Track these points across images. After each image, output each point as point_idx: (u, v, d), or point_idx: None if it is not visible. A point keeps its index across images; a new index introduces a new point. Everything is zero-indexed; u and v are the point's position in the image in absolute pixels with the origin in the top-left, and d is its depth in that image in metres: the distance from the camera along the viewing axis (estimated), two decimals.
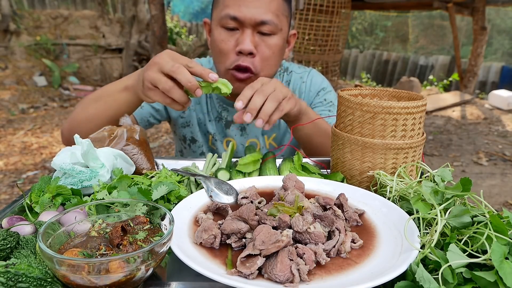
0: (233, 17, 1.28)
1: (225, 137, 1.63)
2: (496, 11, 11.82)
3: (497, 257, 0.59)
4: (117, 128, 1.18)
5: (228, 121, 1.60)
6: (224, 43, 1.32)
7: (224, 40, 1.32)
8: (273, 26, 1.31)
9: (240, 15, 1.27)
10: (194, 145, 1.66)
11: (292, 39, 1.50)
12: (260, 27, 1.30)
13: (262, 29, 1.30)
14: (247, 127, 1.60)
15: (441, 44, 12.89)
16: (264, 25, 1.29)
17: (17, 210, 0.91)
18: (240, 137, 1.62)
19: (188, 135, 1.66)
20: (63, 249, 0.66)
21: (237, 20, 1.28)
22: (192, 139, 1.66)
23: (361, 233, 0.79)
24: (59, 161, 0.97)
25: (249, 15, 1.27)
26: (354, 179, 1.07)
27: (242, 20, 1.28)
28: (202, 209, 0.89)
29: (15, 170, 4.47)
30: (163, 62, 1.04)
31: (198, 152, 1.67)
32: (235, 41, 1.31)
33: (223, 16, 1.30)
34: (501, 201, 3.86)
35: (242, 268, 0.64)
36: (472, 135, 6.05)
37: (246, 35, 1.29)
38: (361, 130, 1.02)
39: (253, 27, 1.30)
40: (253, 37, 1.30)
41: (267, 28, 1.30)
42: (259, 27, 1.30)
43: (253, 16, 1.27)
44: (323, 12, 6.50)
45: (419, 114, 0.99)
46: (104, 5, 9.89)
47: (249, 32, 1.30)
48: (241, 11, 1.27)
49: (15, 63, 8.51)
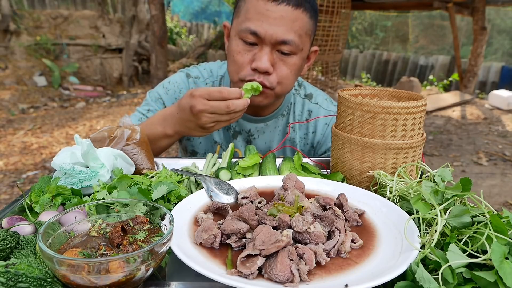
0: (254, 32, 1.22)
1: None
2: (496, 11, 11.82)
3: (497, 257, 0.59)
4: (117, 128, 1.18)
5: (236, 131, 1.58)
6: (241, 55, 1.28)
7: (241, 52, 1.28)
8: (293, 47, 1.25)
9: (261, 31, 1.21)
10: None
11: (313, 55, 1.44)
12: (280, 46, 1.24)
13: (282, 48, 1.25)
14: (253, 140, 1.58)
15: (441, 44, 12.89)
16: (285, 45, 1.23)
17: (17, 210, 0.91)
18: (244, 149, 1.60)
19: (189, 148, 1.64)
20: (63, 249, 0.66)
21: (257, 36, 1.23)
22: (193, 152, 1.64)
23: (361, 233, 0.79)
24: (59, 161, 0.97)
25: (270, 32, 1.21)
26: (354, 179, 1.07)
27: (263, 36, 1.22)
28: (202, 209, 0.89)
29: (15, 170, 4.46)
30: (215, 110, 1.16)
31: None
32: (252, 55, 1.27)
33: (243, 29, 1.24)
34: (501, 201, 3.86)
35: (242, 268, 0.64)
36: (472, 135, 6.05)
37: (264, 52, 1.24)
38: (361, 130, 1.02)
39: (272, 45, 1.24)
40: (271, 55, 1.25)
41: (287, 48, 1.24)
42: (279, 46, 1.24)
43: (275, 34, 1.21)
44: (323, 12, 6.50)
45: (419, 114, 0.99)
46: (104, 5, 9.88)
47: (268, 50, 1.24)
48: (262, 27, 1.21)
49: (15, 63, 8.51)
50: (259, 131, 1.57)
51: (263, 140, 1.58)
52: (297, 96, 1.60)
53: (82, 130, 6.05)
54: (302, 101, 1.60)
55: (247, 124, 1.55)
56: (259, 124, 1.55)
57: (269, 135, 1.58)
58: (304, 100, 1.60)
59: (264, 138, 1.58)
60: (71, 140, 5.50)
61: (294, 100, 1.59)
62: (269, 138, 1.58)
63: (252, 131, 1.56)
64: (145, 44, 9.60)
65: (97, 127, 6.24)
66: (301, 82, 1.65)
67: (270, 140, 1.59)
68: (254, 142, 1.59)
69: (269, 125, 1.56)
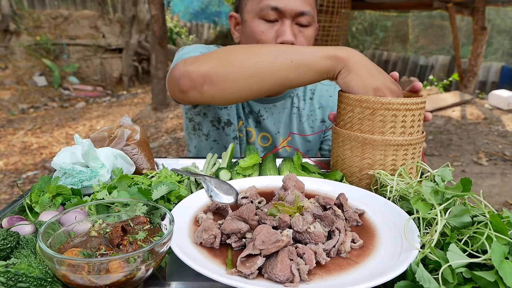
0: (274, 7, 1.29)
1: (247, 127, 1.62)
2: (496, 11, 11.82)
3: (497, 257, 0.59)
4: (117, 128, 1.18)
5: (247, 112, 1.59)
6: (264, 35, 1.34)
7: (264, 31, 1.34)
8: (310, 17, 1.33)
9: (281, 5, 1.29)
10: (228, 128, 1.61)
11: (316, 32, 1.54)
12: (299, 18, 1.32)
13: (301, 20, 1.33)
14: (262, 121, 1.60)
15: (441, 44, 12.88)
16: (303, 16, 1.32)
17: (17, 210, 0.91)
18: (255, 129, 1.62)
19: (224, 117, 1.59)
20: (63, 249, 0.66)
21: (278, 11, 1.30)
22: (228, 121, 1.59)
23: (361, 233, 0.79)
24: (59, 161, 0.97)
25: (290, 5, 1.29)
26: (353, 176, 1.07)
27: (283, 10, 1.30)
28: (202, 209, 0.89)
29: (15, 170, 4.47)
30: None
31: (231, 136, 1.60)
32: (275, 32, 1.33)
33: (263, 7, 1.31)
34: (501, 201, 3.86)
35: (242, 268, 0.64)
36: (472, 135, 6.05)
37: (286, 26, 1.31)
38: (360, 126, 1.02)
39: (292, 18, 1.32)
40: (292, 28, 1.33)
41: (305, 19, 1.33)
42: (298, 18, 1.32)
43: (294, 7, 1.30)
44: (323, 12, 6.50)
45: (418, 111, 1.00)
46: (104, 5, 9.89)
47: (289, 23, 1.32)
48: (282, 1, 1.29)
49: (15, 63, 8.51)
50: (268, 112, 1.60)
51: (271, 121, 1.61)
52: None
53: (82, 130, 6.05)
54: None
55: (256, 105, 1.58)
56: (267, 105, 1.59)
57: (277, 116, 1.61)
58: None
59: (273, 119, 1.61)
60: (71, 140, 5.50)
61: None
62: (277, 119, 1.61)
63: (261, 112, 1.59)
64: (145, 44, 9.60)
65: (97, 127, 6.25)
66: None
67: (278, 121, 1.62)
68: (263, 123, 1.61)
69: (277, 106, 1.60)
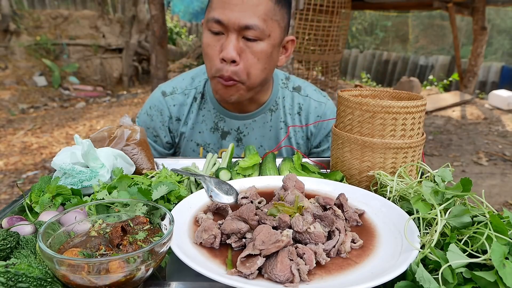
0: (217, 20, 1.24)
1: (220, 148, 1.59)
2: (496, 11, 11.82)
3: (497, 257, 0.59)
4: (117, 128, 1.18)
5: (224, 132, 1.56)
6: (210, 48, 1.30)
7: (210, 44, 1.29)
8: (258, 32, 1.24)
9: (224, 18, 1.23)
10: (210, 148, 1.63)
11: (290, 45, 1.43)
12: (244, 32, 1.24)
13: (247, 34, 1.24)
14: (243, 138, 1.57)
15: (441, 44, 12.89)
16: (249, 30, 1.23)
17: (17, 210, 0.90)
18: (236, 148, 1.58)
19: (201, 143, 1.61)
20: (63, 249, 0.66)
21: (221, 24, 1.24)
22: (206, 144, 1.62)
23: (361, 233, 0.79)
24: (59, 161, 0.97)
25: (233, 18, 1.22)
26: (353, 178, 1.07)
27: (226, 23, 1.23)
28: (202, 209, 0.89)
29: (15, 170, 4.47)
30: None
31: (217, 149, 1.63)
32: (220, 46, 1.28)
33: (210, 19, 1.26)
34: (501, 201, 3.86)
35: (242, 268, 0.64)
36: (472, 135, 6.05)
37: (229, 40, 1.25)
38: (360, 129, 1.02)
39: (237, 31, 1.24)
40: (237, 43, 1.26)
41: (251, 33, 1.24)
42: (244, 32, 1.24)
43: (237, 20, 1.22)
44: (323, 12, 6.50)
45: (418, 114, 0.99)
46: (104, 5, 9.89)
47: (233, 37, 1.25)
48: (225, 14, 1.22)
49: (15, 63, 8.51)
50: (248, 128, 1.56)
51: (253, 137, 1.57)
52: (285, 90, 1.59)
53: (82, 130, 6.05)
54: (291, 94, 1.59)
55: (234, 122, 1.54)
56: (246, 121, 1.55)
57: (259, 131, 1.57)
58: (293, 93, 1.60)
59: (254, 134, 1.57)
60: (71, 140, 5.50)
61: (283, 94, 1.58)
62: (259, 133, 1.57)
63: (241, 129, 1.56)
64: (145, 44, 9.60)
65: (97, 127, 6.25)
66: (288, 76, 1.65)
67: (261, 136, 1.58)
68: (244, 140, 1.57)
69: (257, 121, 1.56)
